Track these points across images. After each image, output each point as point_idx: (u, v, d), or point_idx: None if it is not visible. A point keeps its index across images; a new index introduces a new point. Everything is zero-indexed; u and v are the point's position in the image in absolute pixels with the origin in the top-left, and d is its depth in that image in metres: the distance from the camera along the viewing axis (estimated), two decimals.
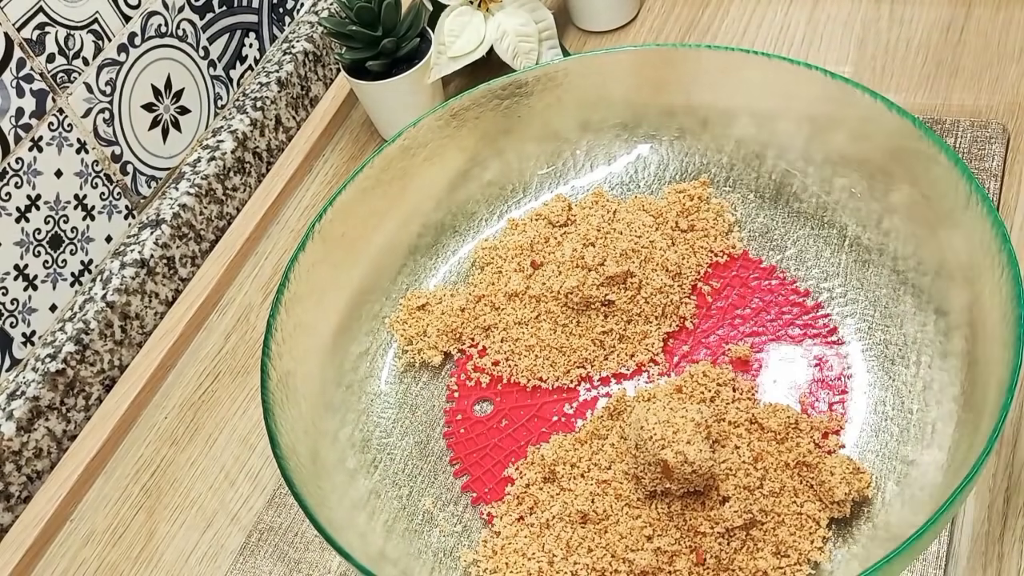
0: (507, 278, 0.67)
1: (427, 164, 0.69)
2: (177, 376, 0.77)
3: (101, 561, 0.67)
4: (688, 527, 0.53)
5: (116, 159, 0.79)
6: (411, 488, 0.61)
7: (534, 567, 0.54)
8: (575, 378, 0.64)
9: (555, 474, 0.58)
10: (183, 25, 0.83)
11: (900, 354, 0.59)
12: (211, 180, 0.84)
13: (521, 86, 0.69)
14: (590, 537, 0.55)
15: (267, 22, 0.93)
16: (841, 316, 0.62)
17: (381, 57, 0.81)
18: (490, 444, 0.62)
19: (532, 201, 0.73)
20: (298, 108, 0.93)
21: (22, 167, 0.71)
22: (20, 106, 0.71)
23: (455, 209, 0.72)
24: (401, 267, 0.70)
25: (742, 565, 0.52)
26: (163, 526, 0.68)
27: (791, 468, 0.54)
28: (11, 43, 0.70)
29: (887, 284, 0.62)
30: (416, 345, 0.66)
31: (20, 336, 0.73)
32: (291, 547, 0.64)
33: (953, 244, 0.56)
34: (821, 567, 0.52)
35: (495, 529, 0.57)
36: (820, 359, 0.61)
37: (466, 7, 0.82)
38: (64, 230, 0.75)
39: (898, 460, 0.55)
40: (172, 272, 0.81)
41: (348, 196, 0.65)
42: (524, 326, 0.66)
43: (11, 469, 0.70)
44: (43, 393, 0.71)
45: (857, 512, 0.54)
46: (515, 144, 0.72)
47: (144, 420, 0.75)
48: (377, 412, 0.65)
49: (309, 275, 0.62)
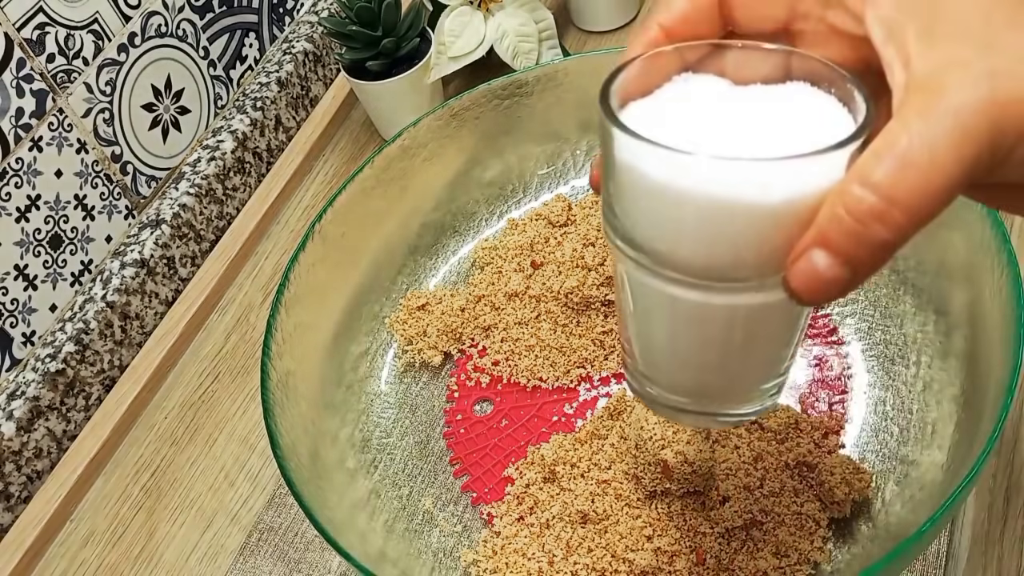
0: (507, 278, 0.67)
1: (427, 164, 0.69)
2: (177, 376, 0.77)
3: (101, 561, 0.67)
4: (688, 527, 0.53)
5: (116, 159, 0.79)
6: (411, 488, 0.61)
7: (534, 567, 0.54)
8: (575, 378, 0.64)
9: (555, 474, 0.58)
10: (183, 25, 0.83)
11: (900, 354, 0.59)
12: (211, 180, 0.84)
13: (521, 86, 0.69)
14: (590, 537, 0.55)
15: (267, 22, 0.93)
16: (841, 316, 0.62)
17: (381, 57, 0.81)
18: (490, 444, 0.62)
19: (532, 201, 0.73)
20: (298, 108, 0.93)
21: (22, 167, 0.71)
22: (20, 106, 0.71)
23: (455, 209, 0.72)
24: (401, 267, 0.70)
25: (742, 565, 0.52)
26: (163, 526, 0.68)
27: (791, 468, 0.54)
28: (11, 43, 0.70)
29: (887, 284, 0.62)
30: (416, 345, 0.66)
31: (20, 336, 0.73)
32: (291, 547, 0.64)
33: (953, 244, 0.56)
34: (821, 567, 0.52)
35: (495, 529, 0.57)
36: (820, 359, 0.61)
37: (466, 7, 0.82)
38: (64, 230, 0.75)
39: (898, 460, 0.55)
40: (172, 272, 0.81)
41: (348, 196, 0.65)
42: (524, 326, 0.66)
43: (11, 469, 0.70)
44: (43, 393, 0.71)
45: (857, 512, 0.54)
46: (515, 144, 0.72)
47: (144, 420, 0.75)
48: (377, 412, 0.65)
49: (309, 275, 0.62)
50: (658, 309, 0.37)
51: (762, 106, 0.35)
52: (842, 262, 0.30)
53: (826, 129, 0.32)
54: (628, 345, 0.40)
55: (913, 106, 0.29)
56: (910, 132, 0.29)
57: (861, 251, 0.30)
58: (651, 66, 0.36)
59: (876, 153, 0.29)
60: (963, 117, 0.28)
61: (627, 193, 0.34)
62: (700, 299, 0.34)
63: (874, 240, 0.29)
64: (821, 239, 0.30)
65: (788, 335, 0.37)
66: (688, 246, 0.33)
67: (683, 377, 0.39)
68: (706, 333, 0.36)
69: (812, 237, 0.31)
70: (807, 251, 0.31)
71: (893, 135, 0.29)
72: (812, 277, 0.31)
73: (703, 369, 0.38)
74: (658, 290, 0.35)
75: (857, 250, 0.30)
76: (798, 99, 0.35)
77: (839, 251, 0.30)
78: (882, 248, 0.30)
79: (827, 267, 0.30)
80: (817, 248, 0.30)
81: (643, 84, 0.36)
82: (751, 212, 0.31)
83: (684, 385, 0.40)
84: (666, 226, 0.33)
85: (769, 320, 0.36)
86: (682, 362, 0.39)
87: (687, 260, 0.33)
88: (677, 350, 0.38)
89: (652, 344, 0.39)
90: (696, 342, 0.37)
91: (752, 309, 0.35)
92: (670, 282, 0.34)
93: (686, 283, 0.34)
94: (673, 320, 0.37)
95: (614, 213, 0.35)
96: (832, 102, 0.34)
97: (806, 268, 0.31)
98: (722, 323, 0.36)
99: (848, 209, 0.29)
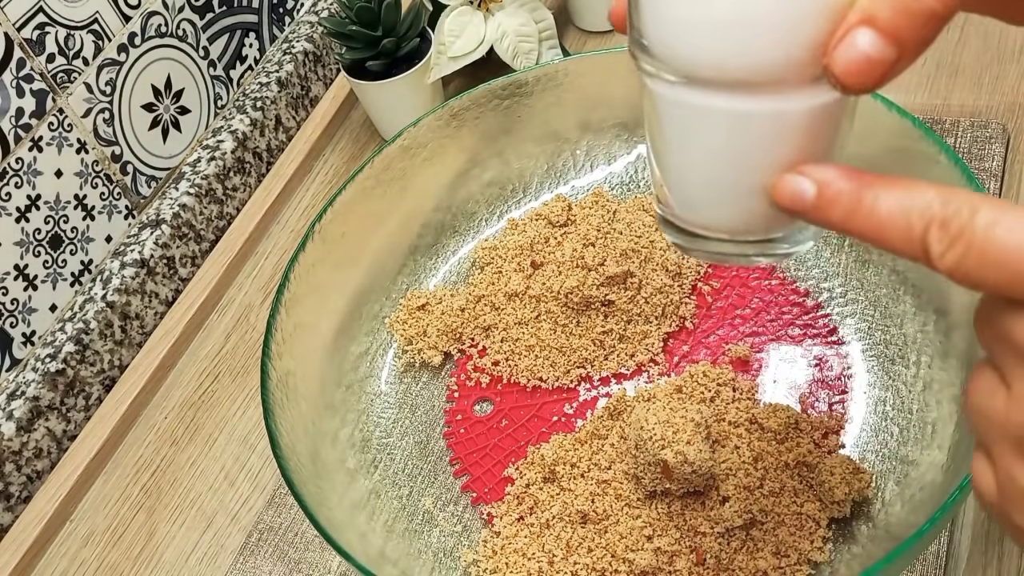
0: (507, 278, 0.67)
1: (427, 164, 0.69)
2: (177, 376, 0.77)
3: (101, 561, 0.67)
4: (688, 527, 0.53)
5: (116, 159, 0.79)
6: (411, 488, 0.61)
7: (534, 567, 0.54)
8: (575, 378, 0.63)
9: (555, 474, 0.58)
10: (183, 25, 0.83)
11: (900, 354, 0.59)
12: (211, 180, 0.84)
13: (521, 86, 0.69)
14: (590, 537, 0.55)
15: (267, 22, 0.93)
16: (841, 316, 0.62)
17: (381, 57, 0.81)
18: (490, 444, 0.62)
19: (532, 201, 0.73)
20: (298, 108, 0.93)
21: (22, 167, 0.71)
22: (20, 106, 0.71)
23: (455, 209, 0.72)
24: (401, 267, 0.70)
25: (742, 565, 0.52)
26: (163, 526, 0.68)
27: (791, 468, 0.54)
28: (11, 43, 0.70)
29: (887, 284, 0.62)
30: (416, 345, 0.66)
31: (20, 336, 0.73)
32: (291, 547, 0.64)
33: None
34: (821, 567, 0.52)
35: (495, 529, 0.57)
36: (820, 359, 0.61)
37: (466, 7, 0.82)
38: (64, 230, 0.75)
39: (898, 460, 0.55)
40: (172, 272, 0.81)
41: (348, 196, 0.65)
42: (524, 326, 0.66)
43: (11, 469, 0.70)
44: (43, 393, 0.71)
45: (857, 512, 0.54)
46: (515, 144, 0.72)
47: (144, 420, 0.75)
48: (377, 412, 0.65)
49: (309, 275, 0.62)
50: (695, 132, 0.35)
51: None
52: (889, 39, 0.29)
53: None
54: (662, 188, 0.39)
55: None
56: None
57: (909, 24, 0.29)
58: None
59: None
60: None
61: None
62: (742, 107, 0.33)
63: (923, 9, 0.28)
64: (867, 16, 0.29)
65: (832, 147, 0.36)
66: (721, 42, 0.32)
67: (723, 207, 0.38)
68: (748, 148, 0.35)
69: (857, 16, 0.30)
70: (851, 31, 0.30)
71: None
72: (858, 58, 0.29)
73: (744, 194, 0.36)
74: (696, 107, 0.34)
75: (905, 23, 0.29)
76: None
77: (886, 27, 0.29)
78: (931, 19, 0.29)
79: (874, 46, 0.29)
80: (862, 27, 0.29)
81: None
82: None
83: (725, 216, 0.38)
84: (697, 22, 0.32)
85: (816, 128, 0.34)
86: (724, 187, 0.37)
87: (723, 60, 0.32)
88: (715, 177, 0.37)
89: (690, 176, 0.38)
90: (736, 161, 0.35)
91: (796, 115, 0.33)
92: (703, 90, 0.33)
93: (725, 92, 0.33)
94: (712, 139, 0.35)
95: (644, 34, 0.34)
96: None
97: (851, 49, 0.30)
98: (763, 135, 0.34)
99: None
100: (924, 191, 0.30)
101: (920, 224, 0.30)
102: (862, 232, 0.31)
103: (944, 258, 0.29)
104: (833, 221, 0.32)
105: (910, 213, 0.30)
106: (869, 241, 0.31)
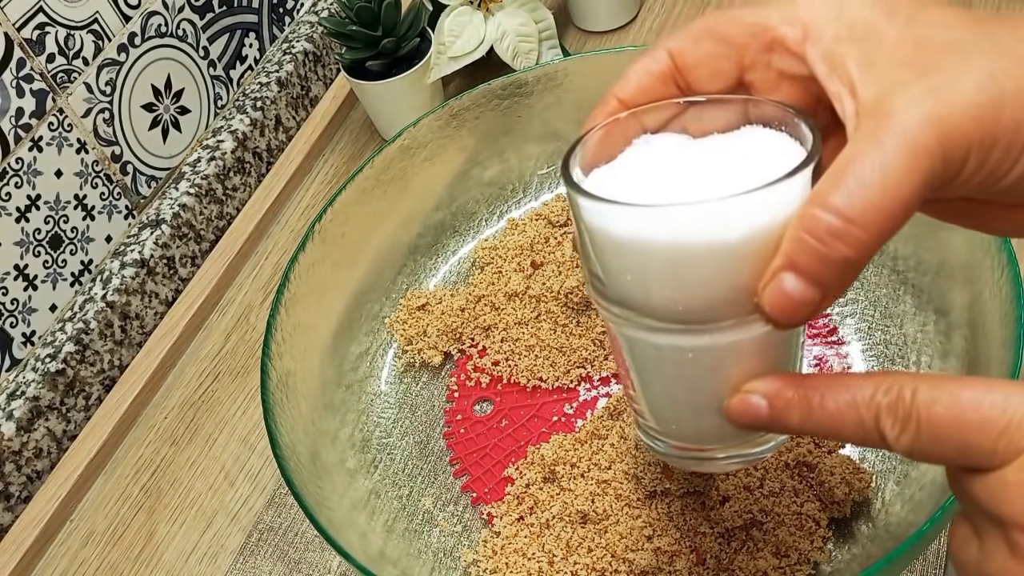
0: (507, 278, 0.67)
1: (427, 164, 0.69)
2: (177, 376, 0.77)
3: (101, 561, 0.67)
4: (688, 527, 0.53)
5: (116, 159, 0.79)
6: (411, 488, 0.61)
7: (534, 567, 0.54)
8: (575, 378, 0.64)
9: (555, 474, 0.58)
10: (183, 25, 0.83)
11: (900, 354, 0.59)
12: (211, 180, 0.84)
13: (521, 86, 0.69)
14: (590, 537, 0.55)
15: (267, 22, 0.93)
16: (841, 316, 0.62)
17: (381, 57, 0.81)
18: (490, 444, 0.62)
19: (532, 201, 0.73)
20: (298, 108, 0.93)
21: (22, 167, 0.71)
22: (20, 106, 0.71)
23: (455, 209, 0.72)
24: (401, 267, 0.70)
25: (742, 565, 0.52)
26: (163, 526, 0.68)
27: (791, 468, 0.54)
28: (11, 43, 0.70)
29: (887, 284, 0.62)
30: (416, 345, 0.66)
31: (20, 336, 0.73)
32: (291, 547, 0.64)
33: (953, 244, 0.56)
34: (821, 567, 0.52)
35: (495, 529, 0.57)
36: (820, 359, 0.61)
37: (466, 7, 0.82)
38: (64, 230, 0.75)
39: (898, 460, 0.55)
40: (172, 272, 0.81)
41: (348, 196, 0.65)
42: (524, 326, 0.66)
43: (11, 469, 0.70)
44: (43, 393, 0.71)
45: (857, 512, 0.54)
46: (515, 144, 0.72)
47: (144, 420, 0.75)
48: (377, 412, 0.65)
49: (309, 275, 0.62)
50: (655, 362, 0.38)
51: (719, 152, 0.36)
52: (811, 282, 0.31)
53: (781, 165, 0.33)
54: (637, 405, 0.41)
55: (864, 130, 0.31)
56: (863, 154, 0.30)
57: (827, 270, 0.31)
58: (610, 133, 0.38)
59: (832, 176, 0.30)
60: (911, 134, 0.30)
61: (600, 254, 0.35)
62: (688, 343, 0.35)
63: (838, 258, 0.30)
64: (788, 263, 0.31)
65: (784, 361, 0.38)
66: (663, 294, 0.34)
67: (696, 424, 0.40)
68: (703, 376, 0.37)
69: (779, 262, 0.32)
70: (776, 276, 0.32)
71: (847, 158, 0.30)
72: (783, 300, 0.32)
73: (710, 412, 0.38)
74: (648, 342, 0.36)
75: (823, 269, 0.31)
76: (753, 141, 0.36)
77: (806, 272, 0.31)
78: (847, 265, 0.31)
79: (796, 289, 0.31)
80: (785, 271, 0.31)
81: (605, 151, 0.38)
82: (714, 252, 0.32)
83: (700, 431, 0.40)
84: (640, 278, 0.34)
85: (761, 352, 0.36)
86: (691, 409, 0.39)
87: (666, 307, 0.34)
88: (680, 398, 0.39)
89: (660, 399, 0.40)
90: (698, 387, 0.37)
91: (740, 344, 0.35)
92: (656, 332, 0.35)
93: (670, 330, 0.35)
94: (670, 369, 0.37)
95: (595, 276, 0.36)
96: (786, 139, 0.35)
97: (777, 292, 0.32)
98: (711, 365, 0.36)
99: (810, 231, 0.30)
100: (862, 385, 0.32)
101: (870, 415, 0.32)
102: (820, 430, 0.33)
103: (899, 441, 0.31)
104: (792, 426, 0.34)
105: (858, 408, 0.32)
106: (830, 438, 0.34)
